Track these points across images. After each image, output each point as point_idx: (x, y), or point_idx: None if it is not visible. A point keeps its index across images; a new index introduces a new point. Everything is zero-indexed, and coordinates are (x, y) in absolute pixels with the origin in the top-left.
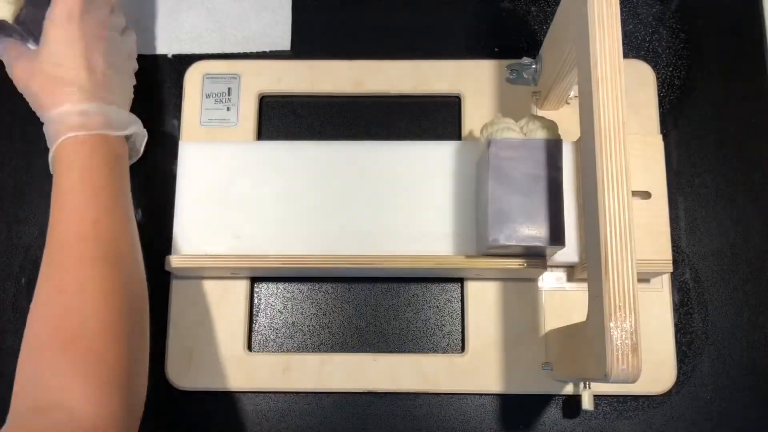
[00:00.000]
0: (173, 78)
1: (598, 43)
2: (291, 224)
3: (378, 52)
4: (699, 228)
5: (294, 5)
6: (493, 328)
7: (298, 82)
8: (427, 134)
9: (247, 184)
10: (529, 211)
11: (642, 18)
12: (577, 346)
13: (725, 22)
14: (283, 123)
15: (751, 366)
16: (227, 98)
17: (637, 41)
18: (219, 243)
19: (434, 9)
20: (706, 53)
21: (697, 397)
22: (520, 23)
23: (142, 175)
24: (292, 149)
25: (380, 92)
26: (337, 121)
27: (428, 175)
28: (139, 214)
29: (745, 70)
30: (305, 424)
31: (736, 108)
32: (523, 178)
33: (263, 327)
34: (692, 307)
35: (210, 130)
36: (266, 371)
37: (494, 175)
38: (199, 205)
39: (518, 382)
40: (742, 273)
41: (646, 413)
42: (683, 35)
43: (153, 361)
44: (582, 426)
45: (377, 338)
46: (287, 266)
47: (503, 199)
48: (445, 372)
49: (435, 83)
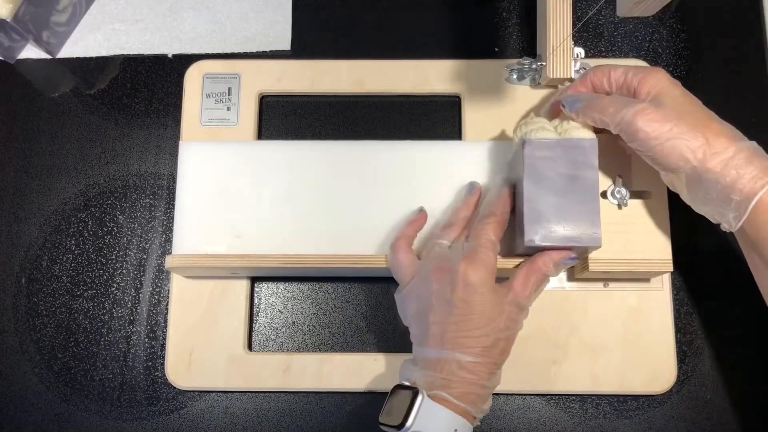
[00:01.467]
0: (173, 78)
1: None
2: (291, 224)
3: (378, 52)
4: (699, 228)
5: (294, 5)
6: None
7: (298, 82)
8: (427, 134)
9: (247, 184)
10: (565, 211)
11: (642, 18)
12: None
13: (725, 22)
14: (283, 123)
15: (751, 366)
16: (227, 98)
17: (637, 41)
18: (219, 243)
19: (434, 9)
20: (706, 53)
21: (697, 397)
22: (520, 23)
23: (142, 175)
24: (292, 149)
25: (380, 92)
26: (337, 121)
27: (428, 175)
28: (140, 215)
29: (745, 70)
30: (305, 424)
31: (736, 108)
32: (558, 177)
33: (263, 327)
34: (692, 307)
35: (210, 130)
36: (266, 371)
37: (529, 175)
38: (199, 205)
39: (519, 382)
40: (742, 273)
41: (646, 413)
42: (683, 35)
43: (153, 361)
44: (582, 426)
45: (377, 338)
46: (287, 266)
47: (538, 199)
48: None
49: (435, 83)
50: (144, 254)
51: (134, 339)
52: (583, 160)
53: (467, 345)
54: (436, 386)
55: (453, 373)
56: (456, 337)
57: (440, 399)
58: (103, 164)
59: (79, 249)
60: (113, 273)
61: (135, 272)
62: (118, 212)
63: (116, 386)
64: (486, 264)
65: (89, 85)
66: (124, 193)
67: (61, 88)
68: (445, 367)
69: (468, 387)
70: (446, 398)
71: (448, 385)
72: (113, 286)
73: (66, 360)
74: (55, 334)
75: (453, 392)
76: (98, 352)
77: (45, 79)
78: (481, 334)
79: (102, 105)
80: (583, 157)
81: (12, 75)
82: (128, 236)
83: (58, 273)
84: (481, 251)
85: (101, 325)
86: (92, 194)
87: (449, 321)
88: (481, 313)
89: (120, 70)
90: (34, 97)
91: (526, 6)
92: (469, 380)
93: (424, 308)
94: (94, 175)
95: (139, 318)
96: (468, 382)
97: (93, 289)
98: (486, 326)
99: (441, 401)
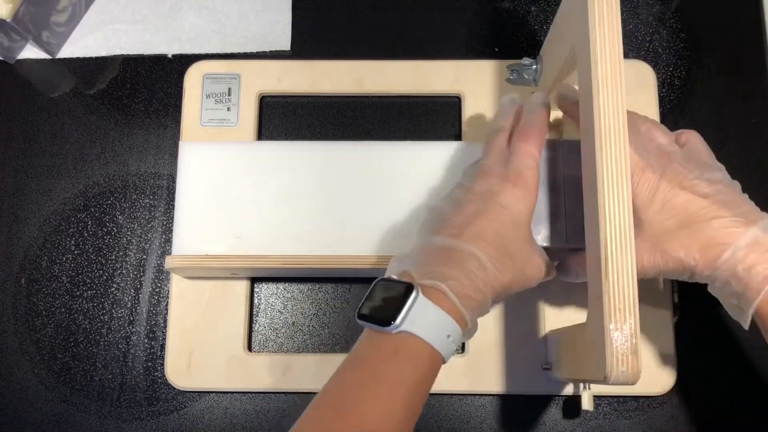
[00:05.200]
0: (173, 78)
1: (598, 44)
2: (291, 224)
3: (378, 52)
4: None
5: (294, 5)
6: (493, 328)
7: (298, 82)
8: (427, 134)
9: (247, 184)
10: (550, 210)
11: (642, 18)
12: (577, 348)
13: (725, 22)
14: (283, 123)
15: (751, 366)
16: (227, 98)
17: (637, 41)
18: (219, 243)
19: (434, 9)
20: (706, 53)
21: (697, 397)
22: (520, 23)
23: (142, 175)
24: (292, 149)
25: (380, 92)
26: (337, 121)
27: (428, 175)
28: (139, 215)
29: (745, 71)
30: None
31: (736, 108)
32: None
33: (263, 327)
34: (692, 307)
35: (210, 130)
36: (266, 371)
37: None
38: (199, 205)
39: (518, 382)
40: None
41: (646, 413)
42: (683, 35)
43: (153, 361)
44: (582, 426)
45: None
46: (287, 266)
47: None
48: (445, 372)
49: (435, 83)
50: (144, 254)
51: (134, 339)
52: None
53: (488, 243)
54: (435, 276)
55: (460, 266)
56: (481, 232)
57: (436, 295)
58: (103, 164)
59: (78, 249)
60: (113, 273)
61: (135, 273)
62: (118, 212)
63: (116, 386)
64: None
65: (89, 85)
66: (124, 194)
67: (60, 89)
68: (453, 257)
69: (471, 287)
70: (445, 292)
71: (449, 277)
72: (113, 286)
73: (66, 360)
74: (54, 335)
75: (454, 288)
76: (98, 352)
77: (45, 80)
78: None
79: (102, 105)
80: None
81: (12, 75)
82: (128, 236)
83: (57, 273)
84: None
85: (101, 326)
86: (92, 194)
87: (478, 217)
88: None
89: (120, 71)
90: (34, 98)
91: (526, 6)
92: (475, 280)
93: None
94: (93, 176)
95: (138, 318)
96: (473, 282)
97: (93, 290)
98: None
99: (437, 299)
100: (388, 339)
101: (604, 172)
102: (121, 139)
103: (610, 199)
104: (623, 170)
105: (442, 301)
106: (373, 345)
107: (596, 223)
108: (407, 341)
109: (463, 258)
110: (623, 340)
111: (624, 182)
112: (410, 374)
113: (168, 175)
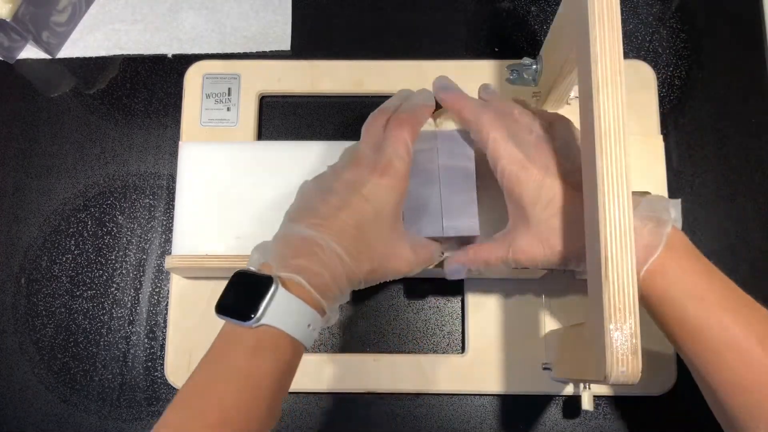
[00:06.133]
0: (173, 78)
1: (598, 45)
2: None
3: (378, 52)
4: (699, 228)
5: (294, 5)
6: (493, 328)
7: (298, 82)
8: None
9: (247, 184)
10: (444, 201)
11: (642, 18)
12: (577, 348)
13: (725, 22)
14: (283, 123)
15: None
16: (227, 98)
17: (637, 41)
18: (219, 243)
19: (434, 9)
20: (706, 53)
21: (697, 397)
22: (520, 23)
23: (142, 175)
24: (292, 149)
25: (380, 92)
26: (337, 121)
27: None
28: (139, 215)
29: (745, 71)
30: (305, 424)
31: (736, 108)
32: (436, 169)
33: None
34: None
35: (210, 130)
36: None
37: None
38: (199, 205)
39: (518, 382)
40: (742, 273)
41: (646, 413)
42: (683, 35)
43: (152, 361)
44: (582, 426)
45: (377, 338)
46: None
47: (418, 191)
48: (445, 372)
49: None
50: (143, 254)
51: (134, 339)
52: (460, 151)
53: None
54: (294, 269)
55: (319, 258)
56: (342, 225)
57: (295, 286)
58: (103, 164)
59: (78, 249)
60: (113, 273)
61: (134, 272)
62: (118, 212)
63: (116, 387)
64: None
65: (89, 85)
66: (124, 194)
67: (60, 88)
68: (313, 249)
69: (329, 279)
70: (303, 285)
71: (307, 270)
72: (113, 286)
73: (65, 360)
74: (54, 335)
75: (312, 280)
76: (98, 352)
77: (44, 79)
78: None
79: (101, 105)
80: (459, 148)
81: (12, 75)
82: (128, 236)
83: (57, 273)
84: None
85: (101, 326)
86: (92, 194)
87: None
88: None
89: (120, 70)
90: (34, 98)
91: (526, 6)
92: (334, 272)
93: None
94: (93, 176)
95: (138, 318)
96: (332, 274)
97: (92, 290)
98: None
99: (296, 290)
100: (249, 332)
101: (604, 172)
102: (121, 139)
103: (610, 199)
104: (623, 170)
105: (301, 292)
106: (234, 339)
107: (596, 223)
108: (268, 333)
109: (323, 250)
110: (623, 340)
111: (624, 182)
112: (273, 366)
113: (168, 175)
